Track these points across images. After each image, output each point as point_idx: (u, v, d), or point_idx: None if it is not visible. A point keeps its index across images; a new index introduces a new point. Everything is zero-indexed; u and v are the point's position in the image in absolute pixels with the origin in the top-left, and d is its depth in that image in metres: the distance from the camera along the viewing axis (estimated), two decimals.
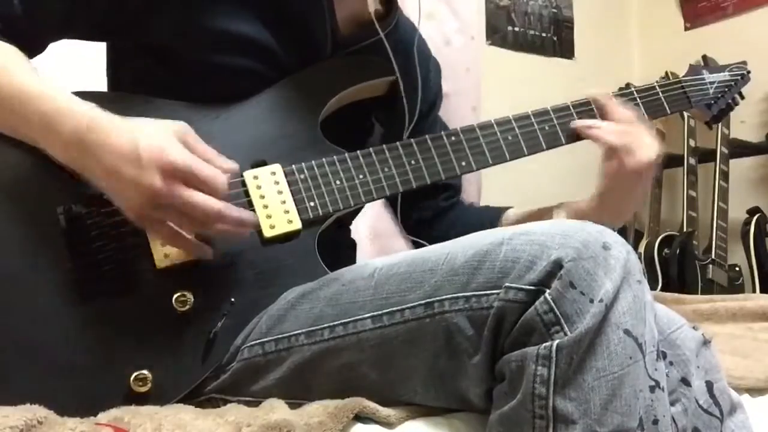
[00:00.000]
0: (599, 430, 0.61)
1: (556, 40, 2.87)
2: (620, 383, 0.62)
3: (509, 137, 0.99)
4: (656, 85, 1.10)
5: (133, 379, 0.77)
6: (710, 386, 0.81)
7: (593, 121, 1.00)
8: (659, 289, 2.40)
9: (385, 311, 0.73)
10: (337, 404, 0.71)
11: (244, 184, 0.87)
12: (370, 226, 2.08)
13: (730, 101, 1.17)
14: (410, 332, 0.71)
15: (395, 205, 1.10)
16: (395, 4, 1.05)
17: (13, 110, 0.79)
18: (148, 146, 0.74)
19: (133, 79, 0.95)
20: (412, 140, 0.96)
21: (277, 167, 0.89)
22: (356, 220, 1.12)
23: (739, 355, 1.16)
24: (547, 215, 1.07)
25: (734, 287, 2.43)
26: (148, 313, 0.80)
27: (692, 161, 2.61)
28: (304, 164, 0.90)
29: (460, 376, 0.69)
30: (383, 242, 2.10)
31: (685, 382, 0.79)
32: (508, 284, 0.65)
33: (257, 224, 0.83)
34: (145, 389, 0.77)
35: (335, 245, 0.97)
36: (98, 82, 0.99)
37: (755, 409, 0.95)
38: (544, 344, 0.62)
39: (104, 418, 0.68)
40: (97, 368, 0.77)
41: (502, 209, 1.15)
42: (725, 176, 2.51)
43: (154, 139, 0.75)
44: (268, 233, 0.85)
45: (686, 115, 2.58)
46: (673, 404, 0.76)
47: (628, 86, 1.10)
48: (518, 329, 0.64)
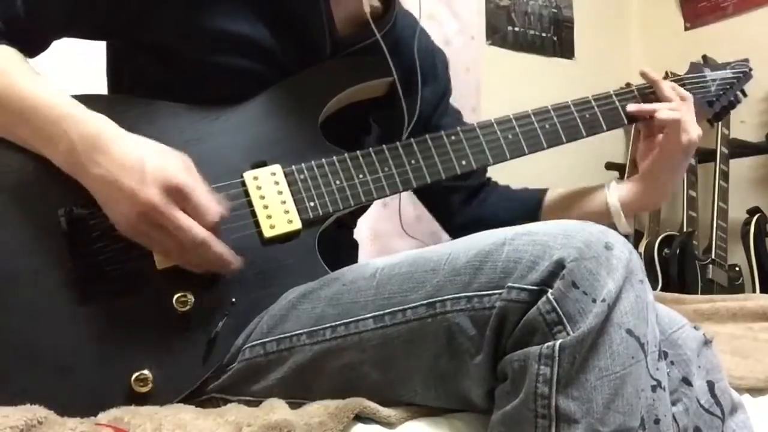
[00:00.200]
0: (601, 429, 0.61)
1: (556, 40, 2.87)
2: (622, 383, 0.62)
3: (510, 136, 1.00)
4: None
5: (133, 379, 0.77)
6: (711, 386, 0.81)
7: (650, 105, 1.04)
8: (659, 289, 2.39)
9: (386, 311, 0.72)
10: (337, 404, 0.71)
11: (244, 184, 0.87)
12: (370, 226, 2.08)
13: (732, 99, 1.16)
14: (412, 332, 0.71)
15: (433, 207, 1.15)
16: (393, 2, 1.05)
17: (14, 114, 0.79)
18: (154, 163, 0.75)
19: (132, 78, 0.95)
20: (412, 140, 0.96)
21: (277, 168, 0.89)
22: (357, 220, 1.12)
23: (739, 355, 1.16)
24: (597, 193, 1.09)
25: (734, 287, 2.42)
26: (148, 313, 0.80)
27: (692, 161, 2.61)
28: (303, 165, 0.90)
29: (461, 376, 0.69)
30: (384, 242, 2.10)
31: (686, 381, 0.79)
32: (510, 284, 0.65)
33: (236, 269, 0.81)
34: (145, 389, 0.77)
35: (336, 245, 0.97)
36: (98, 81, 0.99)
37: (756, 409, 0.95)
38: (546, 344, 0.62)
39: (104, 418, 0.68)
40: (97, 368, 0.77)
41: (543, 190, 1.16)
42: (725, 176, 2.51)
43: (160, 157, 0.77)
44: (268, 233, 0.85)
45: None
46: (674, 404, 0.76)
47: (628, 85, 1.10)
48: (521, 329, 0.64)
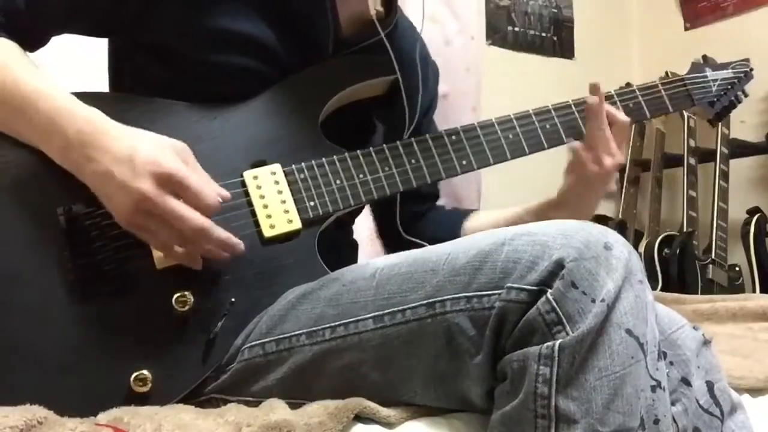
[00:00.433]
0: (601, 429, 0.61)
1: (556, 40, 2.87)
2: (622, 383, 0.62)
3: (510, 136, 1.00)
4: (658, 83, 1.10)
5: (133, 379, 0.77)
6: (711, 386, 0.81)
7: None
8: (659, 289, 2.39)
9: (386, 311, 0.72)
10: (337, 404, 0.71)
11: (243, 184, 0.87)
12: (369, 226, 2.07)
13: (733, 99, 1.16)
14: (411, 332, 0.71)
15: (388, 210, 1.11)
16: (395, 5, 1.05)
17: (14, 109, 0.79)
18: (144, 153, 0.75)
19: (134, 76, 0.95)
20: (412, 139, 0.96)
21: (277, 167, 0.89)
22: (356, 220, 1.12)
23: (739, 355, 1.16)
24: (512, 216, 1.10)
25: (734, 287, 2.42)
26: (148, 313, 0.80)
27: (692, 161, 2.61)
28: (304, 164, 0.90)
29: (461, 376, 0.69)
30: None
31: (685, 382, 0.79)
32: (509, 284, 0.65)
33: (242, 251, 0.81)
34: (145, 389, 0.77)
35: (336, 245, 0.97)
36: (99, 78, 0.99)
37: (755, 409, 0.95)
38: (546, 344, 0.62)
39: (104, 418, 0.68)
40: (97, 368, 0.77)
41: (467, 212, 1.17)
42: (725, 176, 2.50)
43: (152, 148, 0.76)
44: (268, 233, 0.85)
45: (686, 115, 2.58)
46: (673, 404, 0.76)
47: (628, 85, 1.10)
48: (520, 329, 0.64)
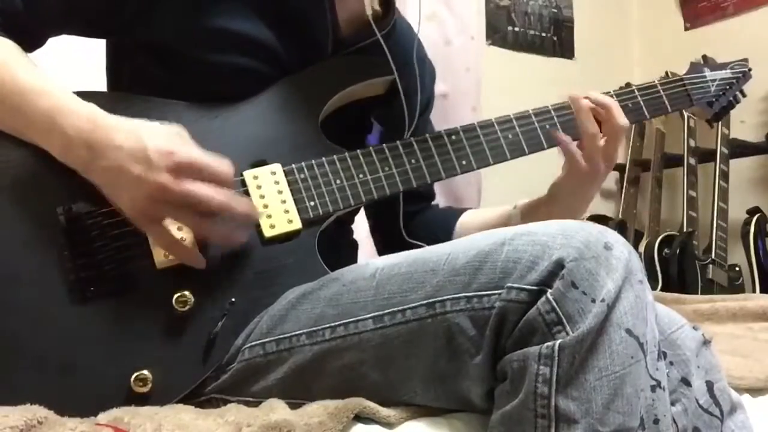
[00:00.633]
0: (601, 429, 0.61)
1: (556, 40, 2.87)
2: (622, 383, 0.62)
3: (510, 136, 1.00)
4: (657, 83, 1.10)
5: (133, 379, 0.77)
6: (710, 386, 0.81)
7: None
8: (659, 289, 2.39)
9: (386, 311, 0.72)
10: (337, 404, 0.71)
11: (244, 183, 0.87)
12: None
13: (731, 99, 1.16)
14: (411, 332, 0.71)
15: (387, 210, 1.10)
16: (393, 6, 1.06)
17: (13, 107, 0.79)
18: (156, 146, 0.75)
19: (132, 76, 0.95)
20: (412, 139, 0.96)
21: (277, 167, 0.88)
22: (356, 219, 1.12)
23: (739, 355, 1.16)
24: (503, 215, 1.10)
25: (734, 287, 2.42)
26: (148, 312, 0.80)
27: (692, 161, 2.61)
28: (304, 164, 0.90)
29: (461, 376, 0.69)
30: None
31: (685, 381, 0.79)
32: (509, 284, 0.65)
33: (257, 219, 0.83)
34: (145, 389, 0.77)
35: (336, 245, 0.97)
36: (98, 78, 0.99)
37: (755, 409, 0.95)
38: (546, 344, 0.62)
39: (104, 418, 0.68)
40: (97, 368, 0.77)
41: (461, 211, 1.17)
42: (725, 176, 2.51)
43: (161, 139, 0.76)
44: (268, 233, 0.85)
45: (686, 115, 2.58)
46: (673, 404, 0.76)
47: (628, 85, 1.10)
48: (520, 329, 0.64)
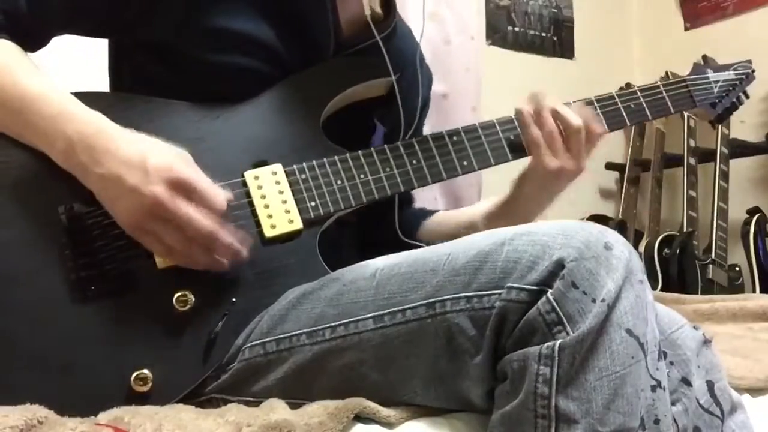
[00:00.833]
0: (601, 429, 0.61)
1: (556, 40, 2.87)
2: (622, 383, 0.62)
3: (511, 137, 0.99)
4: (660, 84, 1.09)
5: (133, 378, 0.77)
6: (711, 386, 0.81)
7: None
8: (659, 289, 2.39)
9: (386, 311, 0.72)
10: (337, 404, 0.71)
11: (245, 184, 0.87)
12: None
13: (734, 100, 1.16)
14: (411, 332, 0.71)
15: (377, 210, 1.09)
16: (394, 7, 1.06)
17: (14, 111, 0.79)
18: (156, 158, 0.76)
19: (134, 76, 0.95)
20: (413, 140, 0.96)
21: (278, 167, 0.89)
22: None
23: (739, 355, 1.16)
24: (468, 213, 1.11)
25: (734, 287, 2.42)
26: (148, 312, 0.80)
27: (692, 161, 2.61)
28: (305, 164, 0.90)
29: (461, 376, 0.69)
30: None
31: (685, 381, 0.79)
32: (510, 284, 0.65)
33: (245, 259, 0.81)
34: (145, 389, 0.77)
35: (337, 245, 0.97)
36: (100, 78, 0.99)
37: (755, 409, 0.95)
38: (546, 344, 0.62)
39: (104, 418, 0.68)
40: (97, 368, 0.77)
41: (431, 212, 1.18)
42: (725, 176, 2.50)
43: (162, 153, 0.77)
44: (269, 233, 0.85)
45: (686, 115, 2.58)
46: (673, 404, 0.76)
47: (628, 86, 1.10)
48: (520, 329, 0.64)
